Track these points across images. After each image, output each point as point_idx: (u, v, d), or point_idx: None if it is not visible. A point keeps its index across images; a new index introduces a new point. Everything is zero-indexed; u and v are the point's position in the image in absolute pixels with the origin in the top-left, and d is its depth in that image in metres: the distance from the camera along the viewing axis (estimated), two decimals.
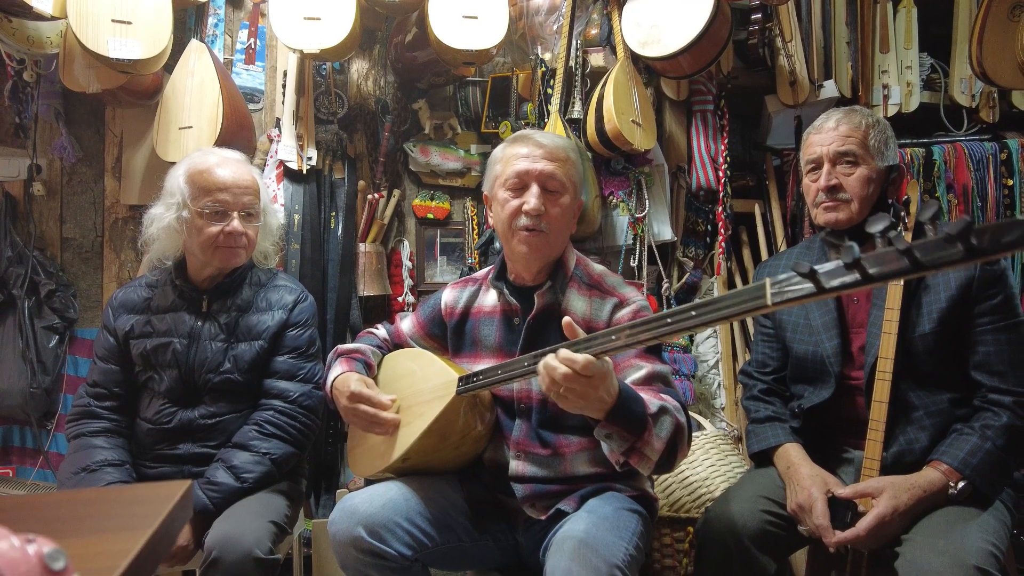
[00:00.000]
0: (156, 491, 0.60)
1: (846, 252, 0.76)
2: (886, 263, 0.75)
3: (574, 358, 1.05)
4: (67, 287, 2.23)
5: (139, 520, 0.54)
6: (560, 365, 1.05)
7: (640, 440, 1.15)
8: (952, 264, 0.70)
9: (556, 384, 1.06)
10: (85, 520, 0.57)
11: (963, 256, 0.70)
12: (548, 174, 1.38)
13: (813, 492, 1.32)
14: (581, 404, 1.09)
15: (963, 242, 0.69)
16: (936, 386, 1.39)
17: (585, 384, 1.06)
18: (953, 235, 0.69)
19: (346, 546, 1.25)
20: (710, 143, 2.44)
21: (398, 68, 2.37)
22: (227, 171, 1.57)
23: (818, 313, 1.51)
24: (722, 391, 2.31)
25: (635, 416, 1.14)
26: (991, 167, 2.41)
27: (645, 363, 1.32)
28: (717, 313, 0.91)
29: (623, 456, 1.17)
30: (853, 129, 1.45)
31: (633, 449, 1.16)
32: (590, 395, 1.07)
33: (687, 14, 2.08)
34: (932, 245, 0.72)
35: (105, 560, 0.48)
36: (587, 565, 1.11)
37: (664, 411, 1.20)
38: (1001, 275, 1.36)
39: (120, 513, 0.57)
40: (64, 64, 2.03)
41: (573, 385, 1.05)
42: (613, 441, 1.16)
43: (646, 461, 1.18)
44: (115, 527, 0.55)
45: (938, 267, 0.71)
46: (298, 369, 1.61)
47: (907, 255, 0.73)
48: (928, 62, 2.65)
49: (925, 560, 1.14)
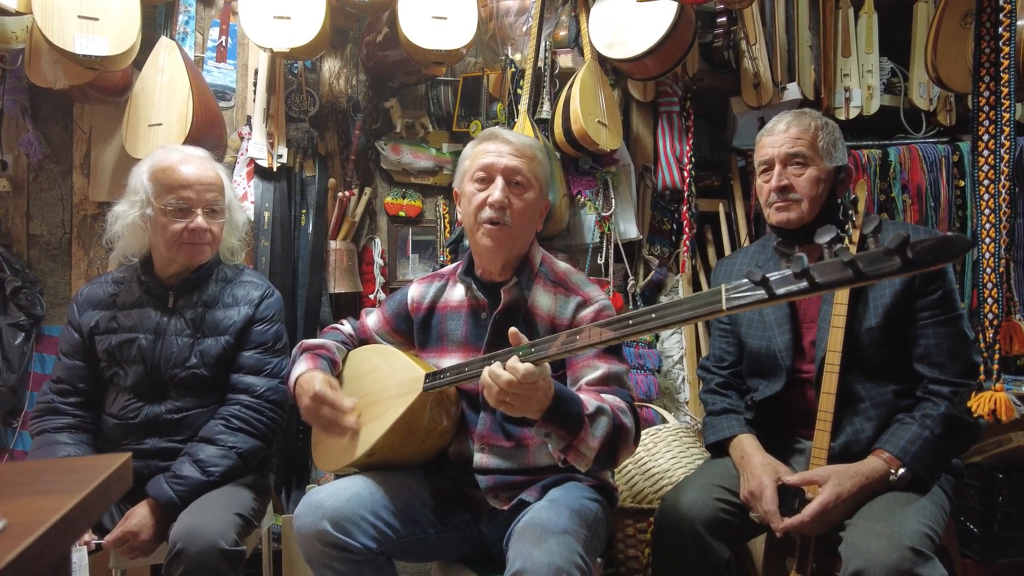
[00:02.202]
0: (95, 462, 0.64)
1: (796, 262, 0.82)
2: (831, 273, 0.82)
3: (516, 367, 1.12)
4: (34, 284, 2.22)
5: (74, 486, 0.57)
6: (504, 372, 1.13)
7: (576, 439, 1.21)
8: (891, 275, 0.78)
9: (502, 392, 1.14)
10: (23, 485, 0.60)
11: (900, 268, 0.77)
12: (513, 168, 1.42)
13: (764, 480, 1.37)
14: (522, 408, 1.16)
15: (900, 255, 0.77)
16: (881, 378, 1.45)
17: (527, 389, 1.13)
18: (892, 249, 0.77)
19: (311, 539, 1.27)
20: (676, 144, 2.49)
21: (369, 67, 2.39)
22: (190, 168, 1.58)
23: (771, 309, 1.56)
24: (686, 385, 2.36)
25: (570, 416, 1.20)
26: (944, 169, 2.50)
27: (602, 363, 1.36)
28: (676, 316, 0.97)
29: (562, 453, 1.23)
30: (803, 131, 1.50)
31: (570, 447, 1.21)
32: (530, 399, 1.15)
33: (652, 17, 2.12)
34: (873, 257, 0.79)
35: (36, 516, 0.51)
36: (547, 550, 1.14)
37: (601, 412, 1.25)
38: (941, 271, 1.42)
39: (57, 480, 0.60)
40: (30, 60, 2.02)
41: (516, 391, 1.13)
42: (552, 440, 1.22)
43: (583, 459, 1.23)
44: (50, 491, 0.58)
45: (878, 277, 0.79)
46: (264, 364, 1.63)
47: (851, 266, 0.80)
48: (888, 66, 2.73)
49: (865, 543, 1.20)
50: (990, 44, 1.39)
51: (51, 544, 0.51)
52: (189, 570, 1.29)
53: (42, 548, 0.50)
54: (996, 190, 1.34)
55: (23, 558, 0.47)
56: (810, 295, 0.85)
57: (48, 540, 0.51)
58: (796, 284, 0.84)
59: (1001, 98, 1.36)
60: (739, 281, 0.89)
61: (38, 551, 0.50)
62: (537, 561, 1.13)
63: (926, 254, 0.76)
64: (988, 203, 1.36)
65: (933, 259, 0.76)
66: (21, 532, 0.50)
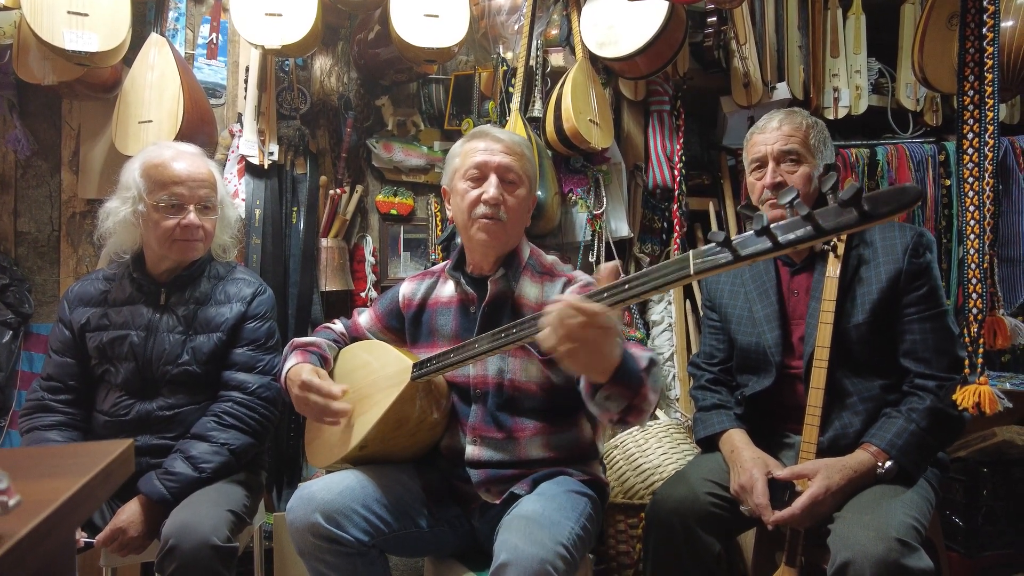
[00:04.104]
0: (98, 447, 0.65)
1: (756, 220, 0.83)
2: (792, 229, 0.82)
3: (588, 306, 0.98)
4: (21, 282, 2.20)
5: (79, 468, 0.59)
6: (576, 314, 0.98)
7: (638, 396, 1.13)
8: (850, 228, 0.78)
9: (570, 337, 0.98)
10: (30, 468, 0.61)
11: (858, 220, 0.77)
12: (506, 166, 1.44)
13: (754, 474, 1.39)
14: (594, 357, 1.03)
15: (856, 207, 0.77)
16: (869, 373, 1.47)
17: (600, 336, 1.00)
18: (847, 201, 0.77)
19: (303, 532, 1.27)
20: (666, 142, 2.51)
21: (361, 65, 2.39)
22: (183, 164, 1.58)
23: (760, 306, 1.58)
24: (676, 382, 2.38)
25: (635, 373, 1.12)
26: (930, 168, 2.53)
27: None
28: (648, 284, 0.98)
29: (619, 415, 1.15)
30: (795, 129, 1.52)
31: (631, 407, 1.14)
32: (603, 346, 1.01)
33: (643, 17, 2.14)
34: (831, 211, 0.79)
35: (45, 496, 0.53)
36: (533, 541, 1.15)
37: (653, 363, 1.21)
38: (927, 267, 1.44)
39: (63, 463, 0.62)
40: (18, 55, 2.00)
41: (587, 334, 0.99)
42: (612, 402, 1.13)
43: (643, 415, 1.17)
44: (57, 473, 0.60)
45: (839, 231, 0.79)
46: (257, 361, 1.63)
47: (810, 220, 0.80)
48: (876, 67, 2.77)
49: (853, 535, 1.21)
50: (974, 44, 1.41)
51: (60, 522, 0.52)
52: (182, 566, 1.29)
53: (52, 526, 0.51)
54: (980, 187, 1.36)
55: (35, 534, 0.49)
56: (776, 253, 0.85)
57: (58, 518, 0.52)
58: (759, 243, 0.84)
59: (985, 97, 1.39)
60: (705, 247, 0.91)
61: (48, 528, 0.51)
62: (523, 553, 1.13)
63: (880, 204, 0.75)
64: (972, 200, 1.38)
65: (888, 209, 0.75)
66: (32, 510, 0.51)
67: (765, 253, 0.84)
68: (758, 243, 0.84)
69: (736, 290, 1.65)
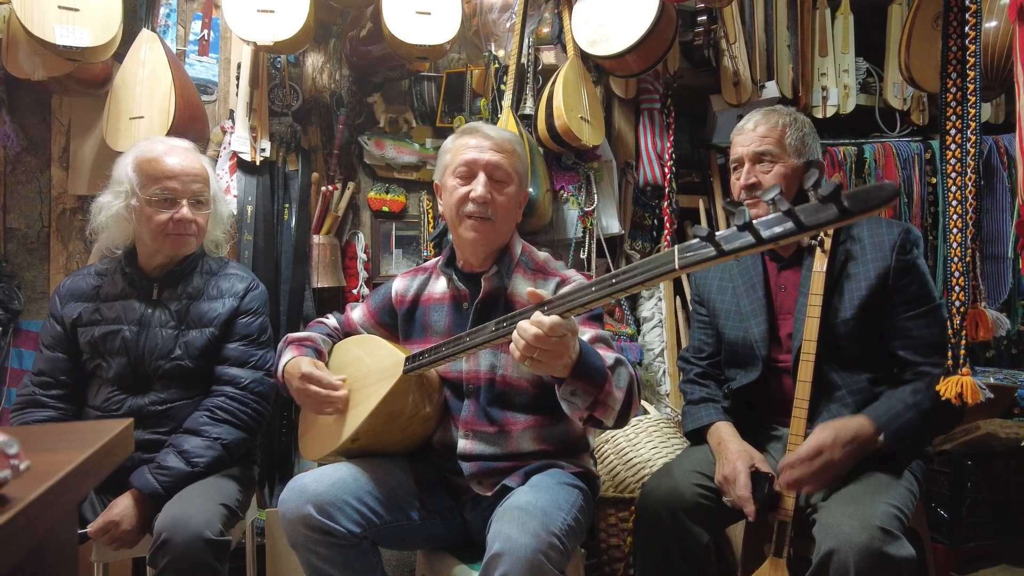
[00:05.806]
0: (99, 425, 0.67)
1: (738, 216, 0.84)
2: (774, 225, 0.83)
3: (542, 320, 1.10)
4: (11, 278, 2.19)
5: (83, 443, 0.61)
6: (531, 327, 1.10)
7: (602, 392, 1.22)
8: (830, 223, 0.79)
9: (530, 348, 1.11)
10: (33, 443, 0.63)
11: (838, 216, 0.78)
12: (495, 164, 1.45)
13: (738, 466, 1.41)
14: (551, 363, 1.14)
15: (835, 203, 0.78)
16: (857, 367, 1.49)
17: (556, 344, 1.11)
18: (826, 197, 0.78)
19: (295, 524, 1.28)
20: (657, 140, 2.53)
21: (353, 62, 2.40)
22: (176, 159, 1.58)
23: (747, 300, 1.60)
24: (667, 378, 2.40)
25: (596, 369, 1.21)
26: (917, 166, 2.57)
27: (588, 328, 1.40)
28: (634, 279, 1.00)
29: (587, 411, 1.23)
30: (770, 129, 1.54)
31: (597, 402, 1.22)
32: (559, 353, 1.13)
33: (633, 15, 2.16)
34: (812, 208, 0.80)
35: (50, 467, 0.54)
36: (526, 530, 1.17)
37: (619, 362, 1.29)
38: (913, 264, 1.47)
39: (66, 439, 0.64)
40: (7, 50, 1.99)
41: (544, 345, 1.10)
42: (578, 397, 1.21)
43: (610, 412, 1.25)
44: (61, 447, 0.62)
45: (818, 227, 0.80)
46: (249, 356, 1.63)
47: (791, 216, 0.81)
48: (864, 66, 2.80)
49: (837, 524, 1.24)
50: (957, 43, 1.44)
51: (67, 489, 0.54)
52: (175, 560, 1.29)
53: (59, 493, 0.53)
54: (963, 182, 1.39)
55: (43, 499, 0.50)
56: (759, 248, 0.86)
57: (65, 485, 0.54)
58: (742, 238, 0.85)
59: (967, 95, 1.41)
60: (690, 242, 0.92)
61: (55, 496, 0.53)
62: (516, 543, 1.15)
63: (859, 200, 0.77)
64: (955, 195, 1.40)
65: (865, 205, 0.76)
66: (40, 477, 0.53)
67: (748, 248, 0.86)
68: (741, 238, 0.86)
69: (724, 285, 1.67)
